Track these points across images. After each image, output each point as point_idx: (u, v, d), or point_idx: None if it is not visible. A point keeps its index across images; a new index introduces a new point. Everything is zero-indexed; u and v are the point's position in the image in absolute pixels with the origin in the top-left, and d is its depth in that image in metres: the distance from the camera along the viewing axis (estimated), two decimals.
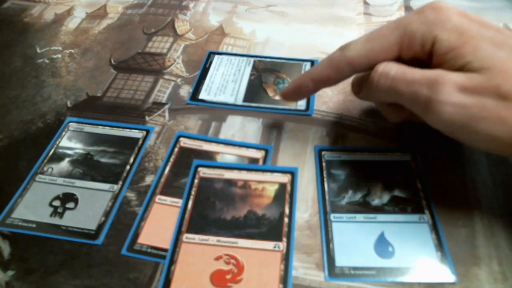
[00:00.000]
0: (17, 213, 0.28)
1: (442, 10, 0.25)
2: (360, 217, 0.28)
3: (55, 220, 0.28)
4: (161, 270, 0.25)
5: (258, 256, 0.26)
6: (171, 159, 0.32)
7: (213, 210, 0.28)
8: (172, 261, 0.26)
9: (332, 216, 0.28)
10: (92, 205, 0.29)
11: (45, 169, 0.31)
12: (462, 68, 0.23)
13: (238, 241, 0.27)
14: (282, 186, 0.29)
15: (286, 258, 0.26)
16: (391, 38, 0.26)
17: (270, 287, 0.24)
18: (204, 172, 0.31)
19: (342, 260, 0.26)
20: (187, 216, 0.28)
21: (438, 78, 0.23)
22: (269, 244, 0.26)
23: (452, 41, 0.24)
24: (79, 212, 0.28)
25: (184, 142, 0.33)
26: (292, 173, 0.30)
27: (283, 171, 0.30)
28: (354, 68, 0.27)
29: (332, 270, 0.25)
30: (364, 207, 0.28)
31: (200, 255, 0.26)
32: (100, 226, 0.28)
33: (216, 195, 0.29)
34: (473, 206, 0.29)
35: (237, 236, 0.27)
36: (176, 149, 0.32)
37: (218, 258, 0.26)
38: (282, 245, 0.26)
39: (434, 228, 0.27)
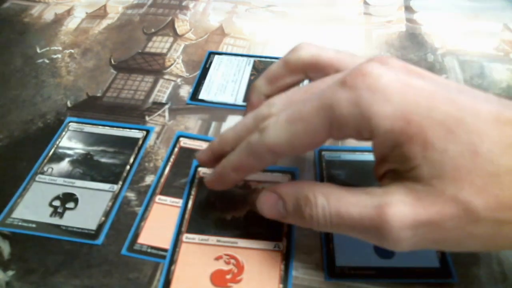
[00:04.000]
0: (17, 213, 0.28)
1: (377, 83, 0.19)
2: None
3: (55, 220, 0.28)
4: (161, 270, 0.25)
5: (258, 256, 0.26)
6: (171, 159, 0.32)
7: (213, 210, 0.28)
8: (172, 261, 0.26)
9: None
10: (92, 205, 0.29)
11: (45, 169, 0.31)
12: (409, 171, 0.19)
13: (238, 241, 0.27)
14: None
15: (287, 258, 0.26)
16: (317, 122, 0.20)
17: (270, 287, 0.24)
18: (204, 172, 0.31)
19: (342, 260, 0.26)
20: (187, 216, 0.28)
21: (382, 218, 0.19)
22: (269, 244, 0.26)
23: (395, 134, 0.18)
24: (79, 212, 0.28)
25: (184, 142, 0.33)
26: (292, 173, 0.30)
27: (283, 171, 0.30)
28: (278, 155, 0.22)
29: (332, 270, 0.25)
30: None
31: (200, 255, 0.26)
32: (100, 226, 0.28)
33: (216, 195, 0.29)
34: None
35: (237, 236, 0.27)
36: (176, 149, 0.32)
37: (218, 258, 0.26)
38: (282, 245, 0.26)
39: None
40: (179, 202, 0.29)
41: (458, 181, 0.18)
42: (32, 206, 0.29)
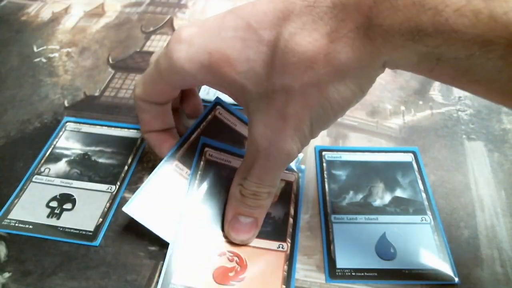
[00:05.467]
0: (13, 214, 0.28)
1: (180, 35, 0.23)
2: (361, 218, 0.28)
3: (52, 221, 0.28)
4: (159, 272, 0.25)
5: (261, 255, 0.25)
6: None
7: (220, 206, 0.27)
8: (174, 249, 0.25)
9: (333, 217, 0.28)
10: (90, 206, 0.28)
11: (42, 169, 0.31)
12: (244, 94, 0.22)
13: None
14: (289, 184, 0.29)
15: (290, 259, 0.25)
16: (154, 74, 0.25)
17: None
18: (210, 153, 0.29)
19: (343, 261, 0.25)
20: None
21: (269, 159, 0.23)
22: (273, 244, 0.26)
23: (207, 68, 0.22)
24: (77, 213, 0.28)
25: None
26: (298, 172, 0.30)
27: (289, 169, 0.30)
28: (145, 103, 0.27)
29: (333, 272, 0.25)
30: (365, 208, 0.28)
31: (204, 249, 0.25)
32: (98, 227, 0.27)
33: (222, 185, 0.28)
34: (476, 207, 0.28)
35: None
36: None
37: (221, 255, 0.25)
38: (286, 245, 0.26)
39: (436, 229, 0.27)
40: None
41: (271, 74, 0.20)
42: (29, 207, 0.28)
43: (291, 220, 0.27)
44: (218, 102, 0.31)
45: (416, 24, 0.17)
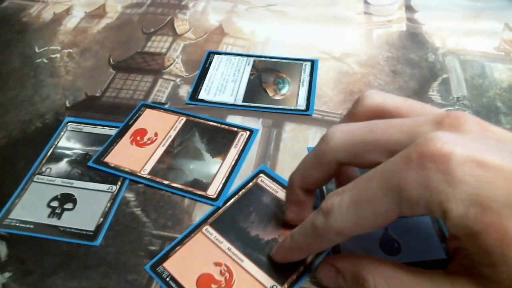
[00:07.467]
0: (14, 214, 0.28)
1: (447, 163, 0.17)
2: None
3: (53, 221, 0.28)
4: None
5: (251, 285, 0.24)
6: None
7: (245, 220, 0.27)
8: (181, 242, 0.26)
9: None
10: (91, 206, 0.29)
11: (43, 169, 0.31)
12: (485, 266, 0.17)
13: (245, 260, 0.25)
14: None
15: None
16: (385, 204, 0.19)
17: None
18: (262, 180, 0.30)
19: None
20: (221, 211, 0.28)
21: None
22: (269, 281, 0.24)
23: (470, 221, 0.17)
24: (78, 213, 0.28)
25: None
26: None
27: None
28: (348, 236, 0.21)
29: None
30: None
31: (205, 252, 0.26)
32: (99, 227, 0.27)
33: (257, 207, 0.28)
34: None
35: (247, 255, 0.26)
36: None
37: (217, 264, 0.25)
38: None
39: (437, 221, 0.27)
40: None
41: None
42: (30, 207, 0.29)
43: (302, 268, 0.25)
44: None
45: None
